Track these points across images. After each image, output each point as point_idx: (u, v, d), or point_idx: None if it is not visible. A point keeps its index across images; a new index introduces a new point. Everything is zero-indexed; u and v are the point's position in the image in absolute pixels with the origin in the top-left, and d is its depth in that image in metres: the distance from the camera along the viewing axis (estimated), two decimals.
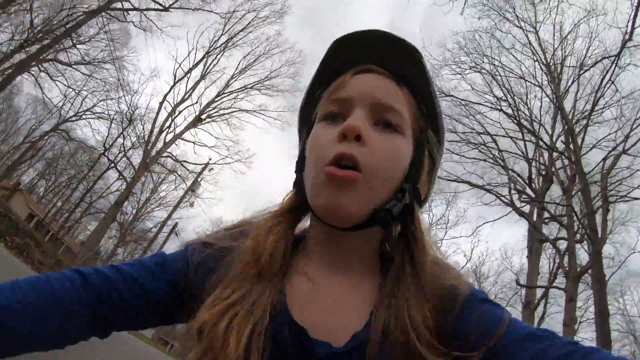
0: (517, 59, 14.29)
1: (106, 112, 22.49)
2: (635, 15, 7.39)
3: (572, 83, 13.06)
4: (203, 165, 19.42)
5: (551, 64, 13.68)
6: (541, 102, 13.87)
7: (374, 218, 0.60)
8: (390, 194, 0.61)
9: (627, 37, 7.82)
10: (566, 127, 11.72)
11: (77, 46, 18.66)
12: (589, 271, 9.48)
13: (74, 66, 19.51)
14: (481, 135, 14.21)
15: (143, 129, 20.71)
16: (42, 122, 28.16)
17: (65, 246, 27.74)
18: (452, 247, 20.22)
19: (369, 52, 0.66)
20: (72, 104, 23.06)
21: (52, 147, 26.73)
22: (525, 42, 13.93)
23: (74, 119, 23.42)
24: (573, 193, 12.03)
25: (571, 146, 11.46)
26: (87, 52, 19.73)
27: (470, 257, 17.82)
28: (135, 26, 16.67)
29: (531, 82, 13.79)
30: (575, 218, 11.23)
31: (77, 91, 21.46)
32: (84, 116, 23.33)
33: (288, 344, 0.56)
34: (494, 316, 0.55)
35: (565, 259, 11.55)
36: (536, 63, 13.88)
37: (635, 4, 7.19)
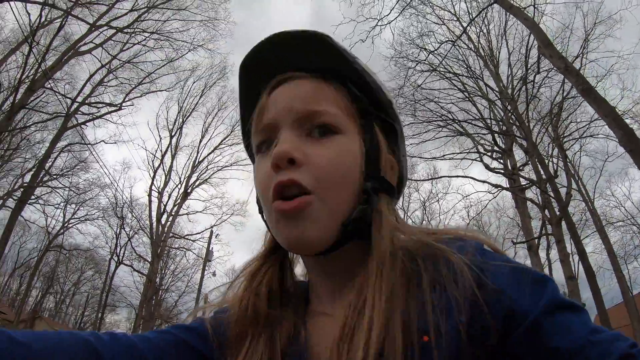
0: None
1: (91, 214, 25.12)
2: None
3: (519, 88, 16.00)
4: (209, 235, 22.17)
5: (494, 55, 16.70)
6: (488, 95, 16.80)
7: (346, 233, 0.59)
8: (354, 200, 0.61)
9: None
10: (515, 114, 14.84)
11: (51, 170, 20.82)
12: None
13: (53, 187, 21.75)
14: (445, 114, 16.81)
15: (135, 218, 23.48)
16: (25, 242, 30.30)
17: None
18: (454, 218, 23.01)
19: (279, 61, 0.66)
20: (55, 220, 25.55)
21: (46, 263, 28.86)
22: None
23: (62, 231, 25.75)
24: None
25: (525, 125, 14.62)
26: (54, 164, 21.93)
27: (468, 217, 20.82)
28: (89, 145, 18.75)
29: (479, 78, 16.67)
30: (540, 175, 14.46)
31: (61, 207, 23.93)
32: (69, 225, 25.82)
33: None
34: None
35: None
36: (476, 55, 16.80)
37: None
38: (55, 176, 21.09)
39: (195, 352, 0.66)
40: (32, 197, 19.08)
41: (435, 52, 14.41)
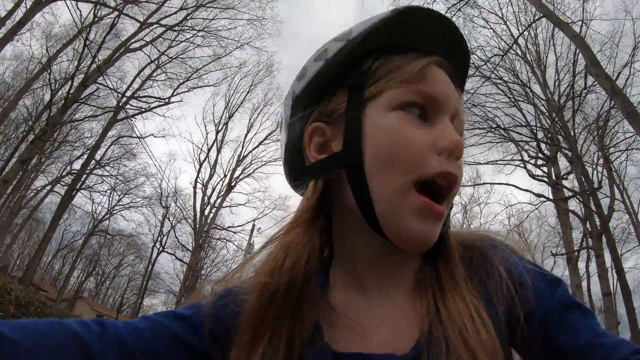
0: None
1: (135, 202, 26.57)
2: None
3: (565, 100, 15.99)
4: (251, 228, 23.12)
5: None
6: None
7: (441, 240, 0.59)
8: None
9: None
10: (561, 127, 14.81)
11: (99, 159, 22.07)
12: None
13: (101, 175, 23.06)
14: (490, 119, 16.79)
15: (179, 208, 24.70)
16: (70, 225, 32.17)
17: None
18: (495, 226, 23.13)
19: (436, 41, 0.61)
20: (101, 206, 27.23)
21: (88, 246, 30.58)
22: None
23: (107, 217, 27.33)
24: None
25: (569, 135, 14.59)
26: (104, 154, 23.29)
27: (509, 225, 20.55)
28: (140, 138, 19.78)
29: (526, 85, 16.65)
30: (584, 187, 14.40)
31: (107, 194, 25.52)
32: (113, 211, 27.31)
33: None
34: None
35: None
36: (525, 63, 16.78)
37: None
38: (103, 164, 22.31)
39: (186, 346, 0.59)
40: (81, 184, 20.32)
41: (487, 62, 14.46)
